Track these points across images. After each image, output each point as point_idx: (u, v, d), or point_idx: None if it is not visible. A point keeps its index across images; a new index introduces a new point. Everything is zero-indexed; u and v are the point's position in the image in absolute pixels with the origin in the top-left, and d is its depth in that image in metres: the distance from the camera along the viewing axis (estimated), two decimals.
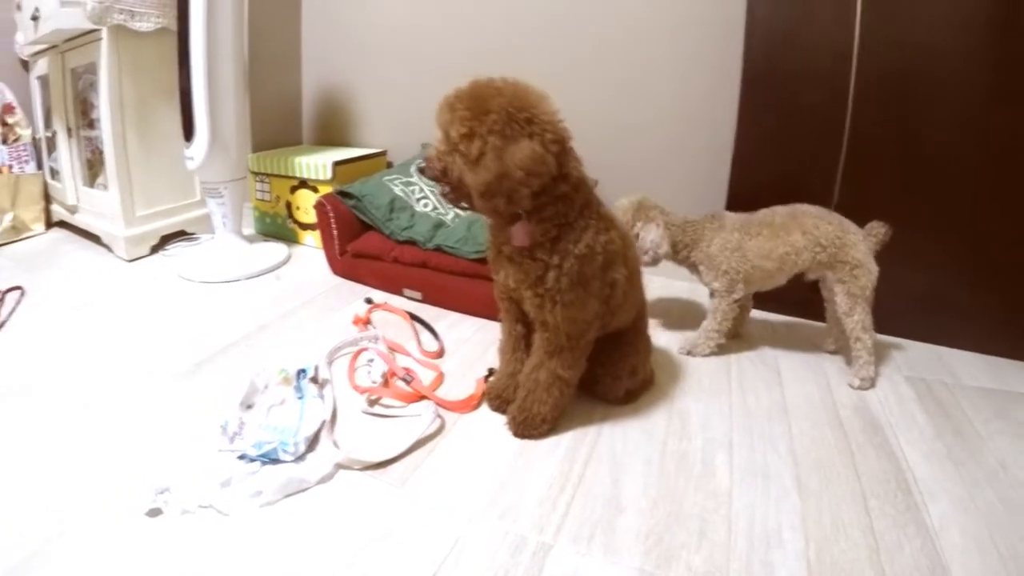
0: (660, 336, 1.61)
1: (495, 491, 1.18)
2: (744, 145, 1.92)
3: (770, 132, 1.87)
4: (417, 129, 2.64)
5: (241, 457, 1.24)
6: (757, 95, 1.88)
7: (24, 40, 2.80)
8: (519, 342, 1.38)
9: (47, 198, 3.02)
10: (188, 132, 2.23)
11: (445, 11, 2.53)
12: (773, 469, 1.24)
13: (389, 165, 2.77)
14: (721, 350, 1.67)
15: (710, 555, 1.04)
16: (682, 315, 1.91)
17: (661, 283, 2.22)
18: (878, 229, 1.52)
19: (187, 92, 2.17)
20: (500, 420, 1.39)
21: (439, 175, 1.18)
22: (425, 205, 2.16)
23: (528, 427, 1.32)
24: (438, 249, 1.93)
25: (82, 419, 1.40)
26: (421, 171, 1.22)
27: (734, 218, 1.62)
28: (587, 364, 1.34)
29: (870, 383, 1.53)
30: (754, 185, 1.89)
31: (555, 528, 1.10)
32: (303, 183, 2.55)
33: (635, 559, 1.03)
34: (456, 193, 1.19)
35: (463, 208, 1.24)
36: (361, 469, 1.23)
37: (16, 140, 2.94)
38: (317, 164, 2.45)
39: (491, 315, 1.80)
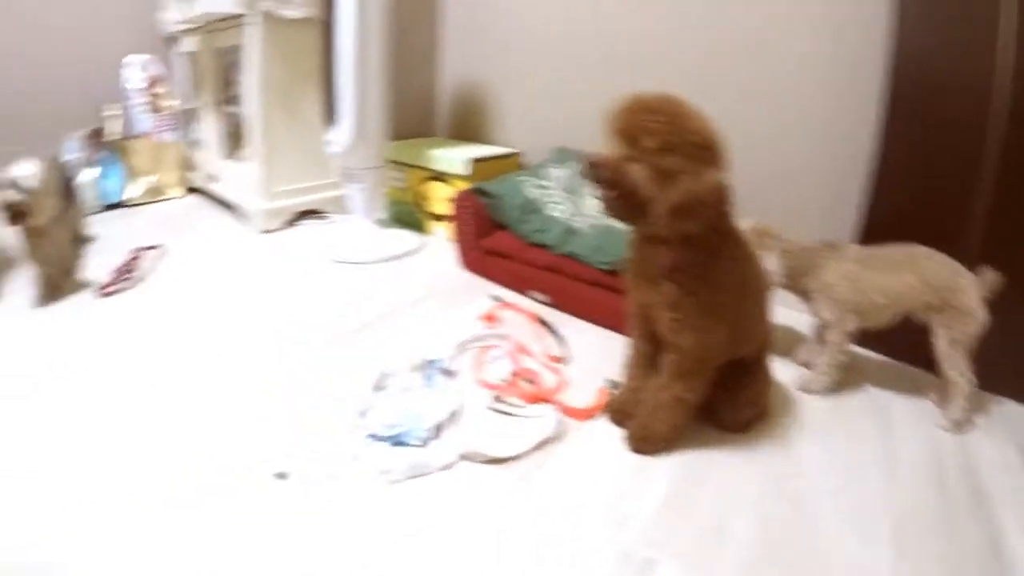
0: (778, 368, 1.59)
1: (610, 501, 1.21)
2: (886, 168, 1.80)
3: (918, 155, 1.74)
4: (550, 132, 2.68)
5: (371, 436, 1.31)
6: (903, 111, 1.74)
7: (172, 19, 2.98)
8: (645, 359, 1.39)
9: (187, 165, 3.22)
10: (333, 118, 2.33)
11: (585, 16, 2.53)
12: (872, 520, 1.21)
13: (521, 166, 2.81)
14: (835, 387, 1.64)
15: None
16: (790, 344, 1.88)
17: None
18: (990, 277, 1.47)
19: (335, 79, 2.27)
20: (617, 432, 1.41)
21: (610, 179, 1.16)
22: (559, 211, 2.18)
23: (646, 444, 1.35)
24: (570, 255, 1.96)
25: (219, 379, 1.54)
26: (588, 169, 1.18)
27: (854, 249, 1.59)
28: (707, 391, 1.34)
29: (958, 427, 1.48)
30: (894, 214, 1.79)
31: (662, 546, 1.11)
32: (438, 176, 2.63)
33: None
34: (623, 202, 1.17)
35: (620, 219, 1.24)
36: (483, 462, 1.28)
37: (163, 110, 3.15)
38: (454, 159, 2.53)
39: (615, 327, 1.82)
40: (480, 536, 1.11)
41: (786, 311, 1.79)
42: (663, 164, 1.11)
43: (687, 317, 1.23)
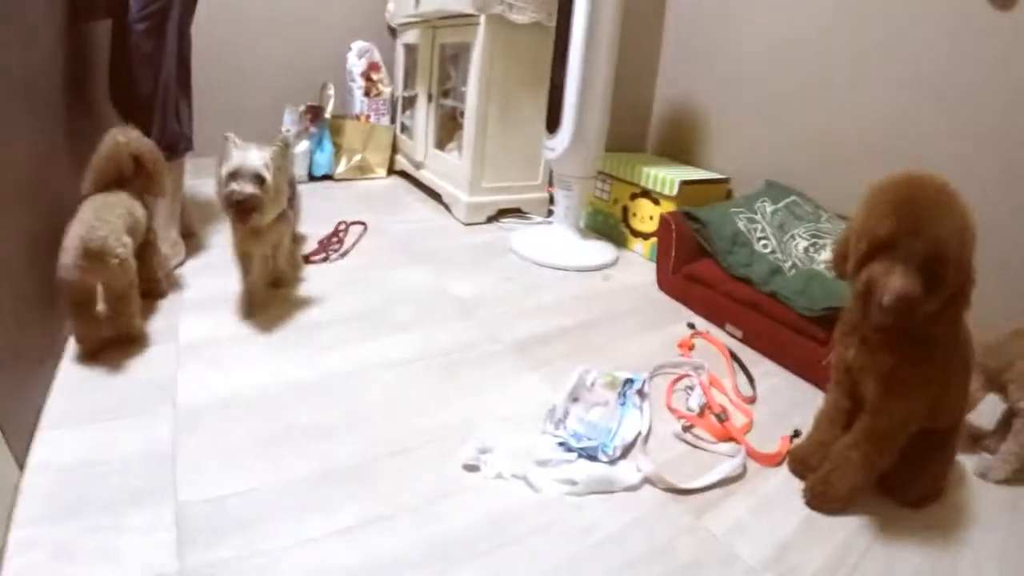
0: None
1: (779, 551, 1.24)
2: None
3: None
4: (762, 163, 2.67)
5: (561, 444, 1.40)
6: None
7: (400, 12, 3.17)
8: (840, 415, 1.40)
9: (394, 149, 3.43)
10: (553, 124, 2.43)
11: (808, 45, 2.50)
12: None
13: (729, 194, 2.81)
14: (1016, 476, 1.58)
15: None
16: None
17: None
18: None
19: (559, 87, 2.37)
20: (796, 483, 1.43)
21: (903, 313, 1.09)
22: (765, 246, 2.20)
23: (824, 500, 1.36)
24: (772, 295, 1.96)
25: (411, 361, 1.70)
26: (889, 314, 1.11)
27: None
28: (894, 460, 1.33)
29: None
30: None
31: None
32: (645, 192, 2.68)
33: None
34: (867, 302, 1.16)
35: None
36: (665, 489, 1.35)
37: (377, 95, 3.38)
38: (664, 178, 2.56)
39: (806, 374, 1.83)
40: (650, 562, 1.17)
41: None
42: (945, 289, 1.09)
43: (896, 387, 1.23)
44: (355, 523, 1.17)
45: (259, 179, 1.59)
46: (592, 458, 1.37)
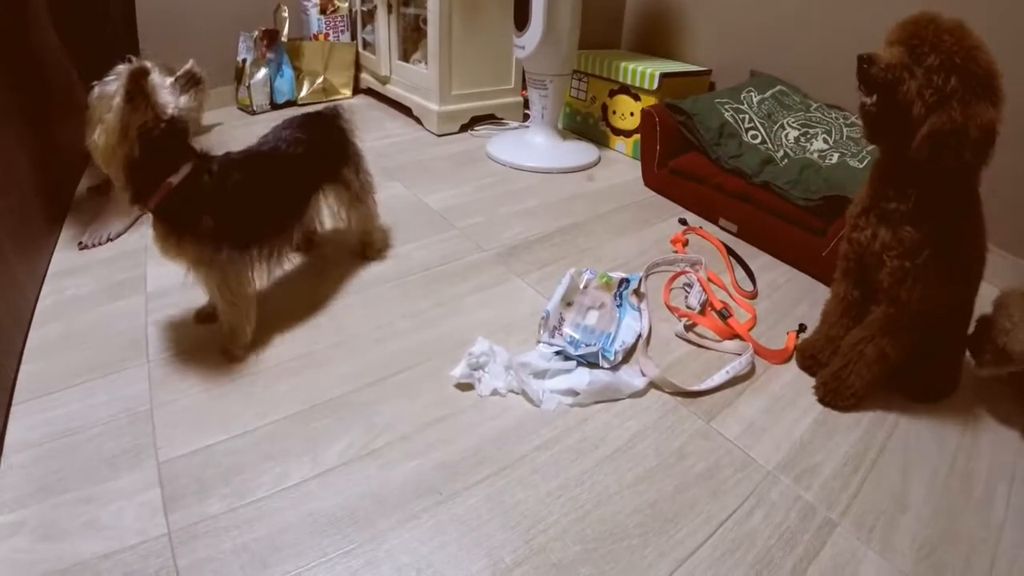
0: None
1: (795, 452, 1.18)
2: None
3: None
4: (743, 53, 2.53)
5: (558, 352, 1.31)
6: None
7: None
8: (849, 307, 1.33)
9: (357, 67, 3.26)
10: (521, 21, 2.28)
11: None
12: None
13: (711, 86, 2.69)
14: (1020, 378, 1.52)
15: None
16: None
17: None
18: None
19: None
20: (806, 380, 1.37)
21: (886, 83, 1.07)
22: (754, 137, 2.09)
23: (838, 397, 1.30)
24: (765, 185, 1.87)
25: (409, 280, 1.59)
26: (860, 64, 1.08)
27: None
28: (907, 352, 1.27)
29: None
30: None
31: (843, 508, 1.08)
32: (624, 89, 2.55)
33: (907, 563, 1.00)
34: (884, 112, 1.09)
35: (872, 132, 1.16)
36: (672, 393, 1.27)
37: (334, 11, 3.18)
38: (644, 72, 2.43)
39: (805, 267, 1.76)
40: (663, 470, 1.11)
41: None
42: (940, 84, 1.01)
43: (917, 266, 1.14)
44: (346, 460, 1.09)
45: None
46: (593, 365, 1.29)
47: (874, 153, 1.19)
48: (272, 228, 1.35)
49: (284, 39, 3.05)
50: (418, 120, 2.79)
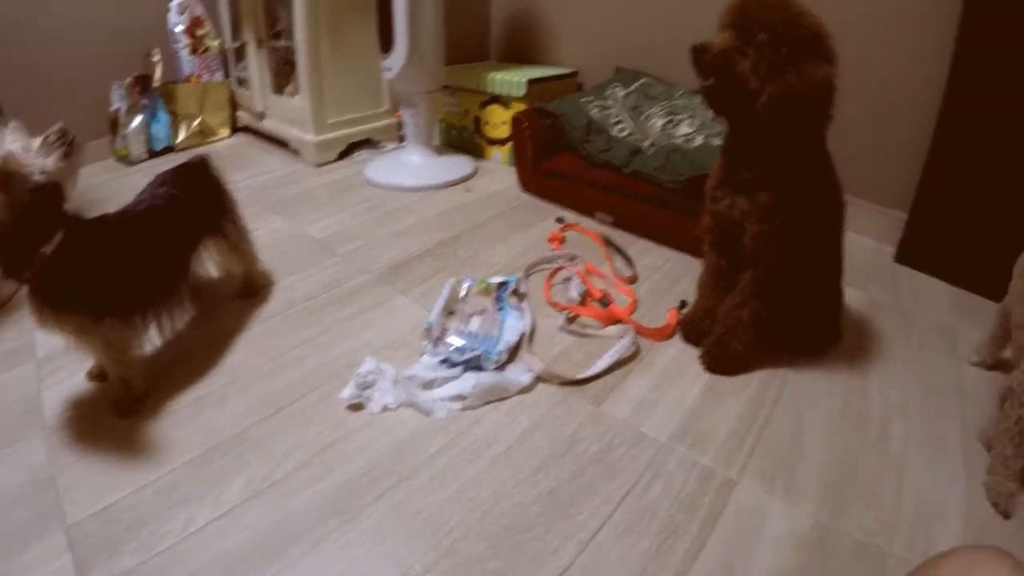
0: (846, 293, 1.54)
1: (686, 421, 1.21)
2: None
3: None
4: (608, 52, 2.59)
5: (443, 361, 1.31)
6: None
7: None
8: (721, 277, 1.37)
9: (233, 105, 3.20)
10: (386, 43, 2.28)
11: None
12: (943, 443, 1.20)
13: (579, 87, 2.74)
14: (902, 317, 1.60)
15: (879, 516, 1.03)
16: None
17: None
18: None
19: (387, 3, 2.21)
20: (692, 352, 1.40)
21: (720, 67, 1.12)
22: (622, 130, 2.14)
23: (722, 363, 1.34)
24: (635, 175, 1.91)
25: (294, 311, 1.56)
26: (692, 54, 1.14)
27: None
28: (783, 309, 1.31)
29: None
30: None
31: (740, 465, 1.11)
32: (494, 99, 2.57)
33: (812, 506, 1.04)
34: (726, 91, 1.14)
35: (718, 111, 1.20)
36: (560, 384, 1.28)
37: (205, 51, 3.12)
38: (511, 81, 2.46)
39: (681, 246, 1.81)
40: (557, 458, 1.12)
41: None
42: (772, 56, 1.07)
43: (775, 229, 1.19)
44: (248, 496, 1.06)
45: None
46: (478, 368, 1.29)
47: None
48: (157, 289, 1.31)
49: (157, 84, 2.97)
50: (296, 152, 2.74)
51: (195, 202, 1.41)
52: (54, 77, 2.70)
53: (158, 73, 2.95)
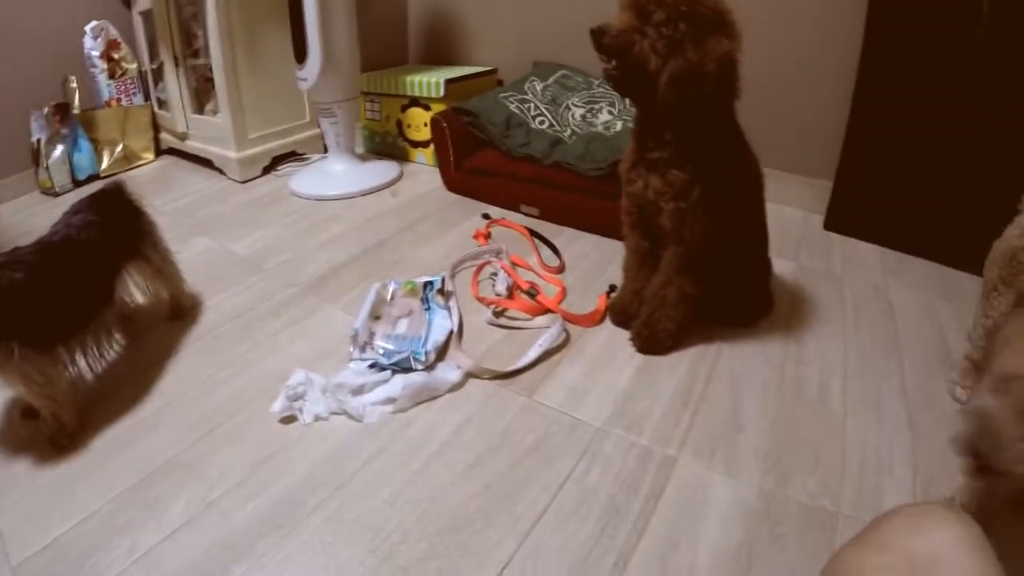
0: (777, 264, 1.56)
1: (621, 403, 1.21)
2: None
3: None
4: (527, 47, 2.59)
5: (372, 366, 1.28)
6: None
7: None
8: (645, 258, 1.37)
9: (156, 127, 3.13)
10: (300, 54, 2.25)
11: None
12: (885, 402, 1.22)
13: (499, 83, 2.73)
14: (834, 282, 1.63)
15: (824, 479, 1.05)
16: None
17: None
18: None
19: (298, 14, 2.18)
20: (623, 335, 1.40)
21: (619, 48, 1.12)
22: (541, 123, 2.14)
23: (653, 343, 1.33)
24: (556, 165, 1.91)
25: (223, 330, 1.51)
26: (592, 37, 1.13)
27: None
28: (710, 284, 1.32)
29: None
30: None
31: (679, 442, 1.11)
32: (414, 101, 2.55)
33: (755, 476, 1.05)
34: (628, 73, 1.14)
35: (623, 93, 1.23)
36: (490, 378, 1.27)
37: (123, 74, 3.03)
38: (429, 82, 2.45)
39: (608, 232, 1.80)
40: (493, 452, 1.11)
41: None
42: (671, 34, 1.06)
43: (692, 205, 1.19)
44: (188, 518, 1.03)
45: None
46: (407, 369, 1.27)
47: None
48: (79, 318, 1.27)
49: (76, 111, 2.88)
50: (220, 170, 2.69)
51: (113, 228, 1.36)
52: None
53: (76, 100, 2.86)
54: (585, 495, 1.02)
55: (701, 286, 1.30)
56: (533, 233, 1.84)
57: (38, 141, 2.69)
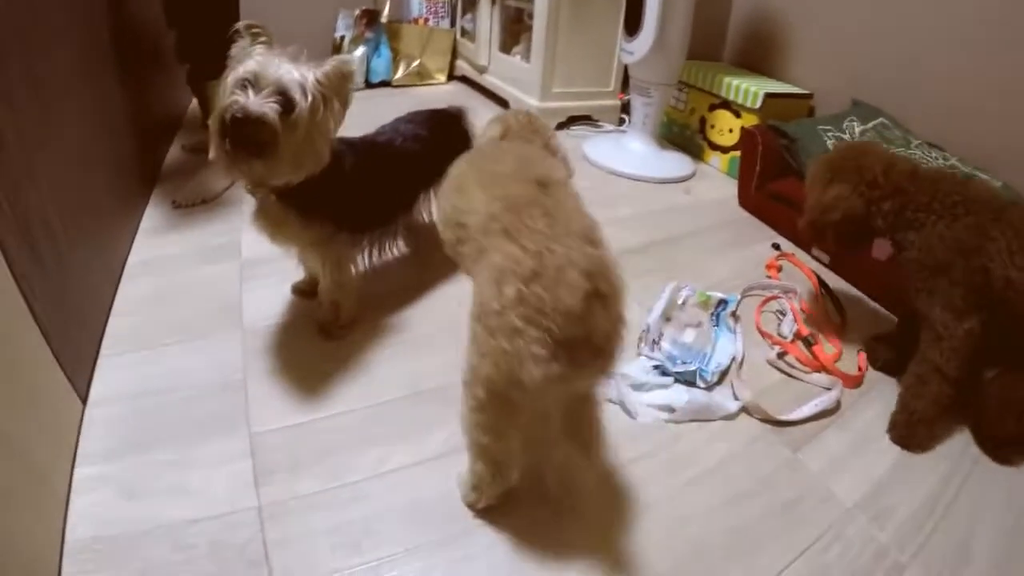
0: None
1: (872, 490, 1.21)
2: None
3: None
4: (842, 78, 2.49)
5: (656, 367, 1.34)
6: None
7: None
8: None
9: (454, 53, 3.25)
10: (632, 27, 2.28)
11: None
12: None
13: (811, 111, 2.66)
14: None
15: None
16: None
17: None
18: None
19: None
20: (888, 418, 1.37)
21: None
22: None
23: (909, 433, 1.31)
24: None
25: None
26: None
27: None
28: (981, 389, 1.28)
29: None
30: None
31: (914, 551, 1.10)
32: (726, 104, 2.55)
33: None
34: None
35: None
36: (762, 419, 1.30)
37: None
38: (748, 90, 2.43)
39: (890, 306, 1.75)
40: (750, 497, 1.14)
41: None
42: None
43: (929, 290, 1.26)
44: (448, 450, 1.10)
45: (285, 100, 1.05)
46: (690, 383, 1.32)
47: None
48: (381, 217, 1.38)
49: (384, 20, 3.08)
50: None
51: (437, 148, 1.45)
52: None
53: (386, 9, 3.05)
54: (818, 571, 1.04)
55: (955, 362, 1.25)
56: (821, 282, 1.80)
57: (341, 38, 2.92)
